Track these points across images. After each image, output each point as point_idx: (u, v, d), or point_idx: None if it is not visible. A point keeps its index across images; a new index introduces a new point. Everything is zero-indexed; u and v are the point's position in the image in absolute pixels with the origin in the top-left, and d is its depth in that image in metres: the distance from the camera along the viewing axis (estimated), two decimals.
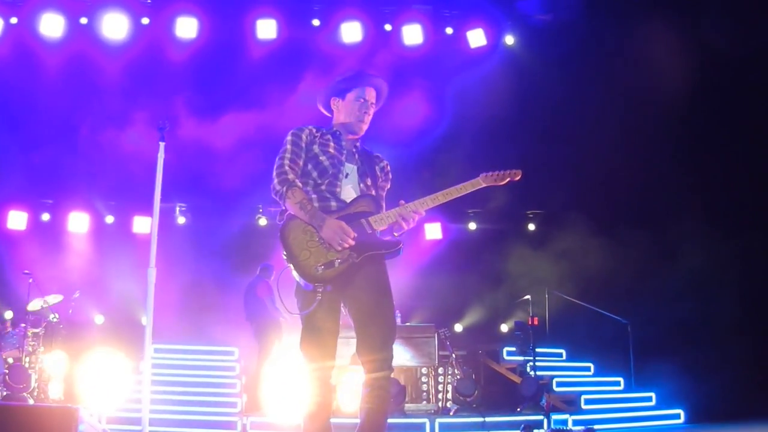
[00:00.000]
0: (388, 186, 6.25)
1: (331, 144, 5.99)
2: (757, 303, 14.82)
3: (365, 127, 6.13)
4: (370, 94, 6.15)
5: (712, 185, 15.16)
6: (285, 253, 5.63)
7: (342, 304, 5.80)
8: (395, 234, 5.90)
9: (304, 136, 5.95)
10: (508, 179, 6.19)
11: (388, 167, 6.26)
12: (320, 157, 5.88)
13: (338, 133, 6.10)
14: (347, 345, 12.02)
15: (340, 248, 5.51)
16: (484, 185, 6.12)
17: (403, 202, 5.83)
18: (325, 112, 6.30)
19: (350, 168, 5.98)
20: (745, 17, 14.33)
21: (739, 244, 14.67)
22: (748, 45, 14.37)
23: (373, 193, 6.00)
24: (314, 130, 6.04)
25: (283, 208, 5.81)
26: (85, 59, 16.54)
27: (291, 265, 5.60)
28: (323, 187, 5.82)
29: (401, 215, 5.77)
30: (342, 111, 6.16)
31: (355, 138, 6.14)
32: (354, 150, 6.10)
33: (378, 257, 5.72)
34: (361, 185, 5.96)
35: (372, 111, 6.16)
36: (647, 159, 15.49)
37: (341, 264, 5.53)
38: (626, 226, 15.23)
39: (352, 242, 5.54)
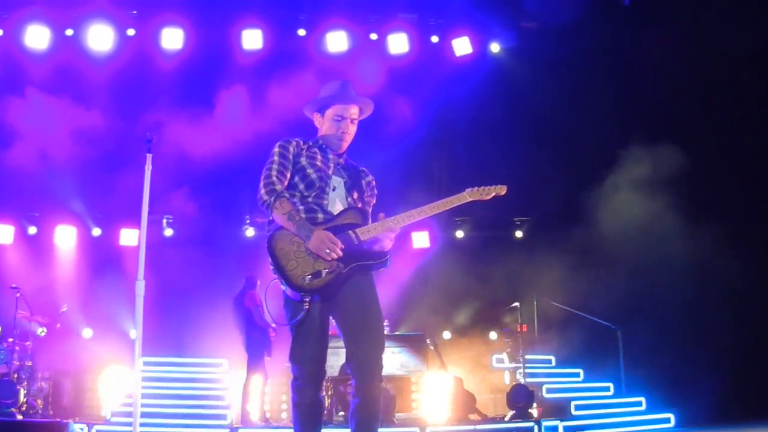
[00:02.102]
0: (374, 201, 6.26)
1: (318, 157, 6.00)
2: (746, 307, 14.85)
3: (345, 144, 6.15)
4: (350, 111, 6.14)
5: (702, 190, 15.19)
6: (272, 263, 5.63)
7: (331, 316, 5.80)
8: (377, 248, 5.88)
9: (291, 148, 5.95)
10: (493, 194, 6.17)
11: (374, 182, 6.27)
12: (307, 170, 5.89)
13: (324, 146, 6.11)
14: (336, 355, 12.10)
15: (328, 258, 5.50)
16: (469, 199, 6.09)
17: (382, 215, 5.84)
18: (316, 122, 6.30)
19: (337, 181, 6.00)
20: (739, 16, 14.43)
21: (729, 249, 14.69)
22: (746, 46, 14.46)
23: (360, 206, 6.01)
24: (301, 143, 6.04)
25: (270, 218, 5.80)
26: (71, 71, 16.52)
27: (278, 276, 5.60)
28: (310, 200, 5.83)
29: (388, 228, 5.76)
30: (323, 126, 6.18)
31: (339, 153, 6.13)
32: (340, 164, 6.11)
33: (365, 268, 5.72)
34: (349, 199, 5.98)
35: (352, 129, 6.15)
36: (640, 164, 15.53)
37: (329, 274, 5.53)
38: (615, 232, 15.23)
39: (340, 253, 5.54)
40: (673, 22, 15.80)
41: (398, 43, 17.59)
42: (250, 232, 17.75)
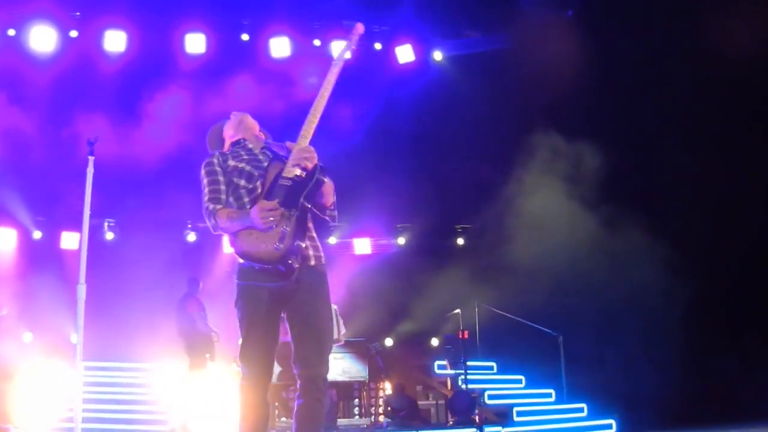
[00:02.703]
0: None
1: (242, 152, 6.01)
2: (687, 314, 15.03)
3: (253, 127, 6.25)
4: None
5: (648, 194, 15.38)
6: (249, 261, 5.58)
7: (283, 315, 5.80)
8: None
9: (215, 161, 5.94)
10: (355, 36, 6.30)
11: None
12: (240, 165, 5.87)
13: (242, 141, 6.15)
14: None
15: (274, 223, 5.47)
16: (340, 63, 6.15)
17: (288, 143, 5.81)
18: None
19: (266, 161, 5.92)
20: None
21: (671, 252, 14.87)
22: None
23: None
24: (223, 151, 6.09)
25: (227, 235, 5.81)
26: (13, 72, 16.36)
27: (259, 266, 5.56)
28: (257, 187, 5.81)
29: (297, 155, 5.69)
30: (231, 132, 6.26)
31: (259, 143, 6.17)
32: (263, 147, 6.12)
33: (312, 203, 5.71)
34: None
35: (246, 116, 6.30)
36: (582, 170, 15.71)
37: (288, 227, 5.49)
38: (556, 239, 15.35)
39: (279, 209, 5.50)
40: (610, 29, 16.00)
41: (341, 50, 17.58)
42: (191, 236, 17.68)
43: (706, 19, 14.62)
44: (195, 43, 17.04)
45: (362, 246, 18.10)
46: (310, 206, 5.67)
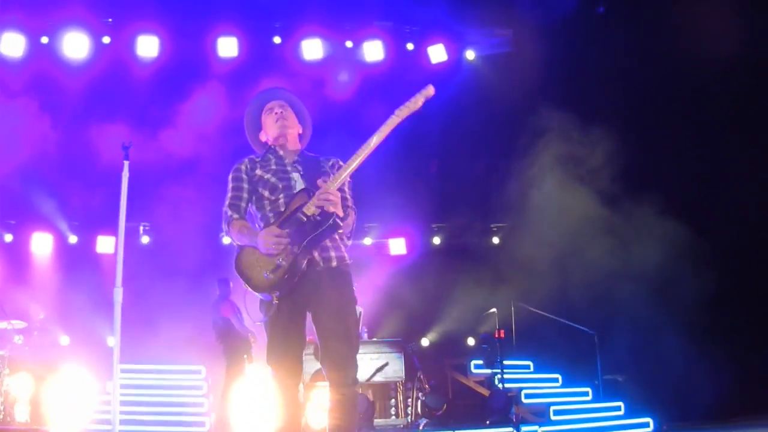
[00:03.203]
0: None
1: (272, 161, 6.07)
2: (724, 310, 14.91)
3: (289, 133, 6.20)
4: (271, 103, 6.27)
5: (677, 193, 15.28)
6: (242, 279, 5.69)
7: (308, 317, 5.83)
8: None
9: (243, 167, 6.07)
10: (422, 100, 6.11)
11: (340, 162, 6.11)
12: (265, 176, 5.96)
13: (275, 148, 6.18)
14: (310, 362, 12.12)
15: (275, 252, 5.54)
16: (400, 119, 6.05)
17: (320, 181, 5.73)
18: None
19: (295, 176, 6.00)
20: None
21: (708, 250, 14.77)
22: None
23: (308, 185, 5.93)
24: (254, 158, 6.16)
25: (235, 245, 5.88)
26: (47, 79, 16.48)
27: (248, 287, 5.66)
28: (279, 201, 5.87)
29: (321, 197, 5.65)
30: (267, 135, 6.27)
31: (294, 149, 6.20)
32: (296, 160, 6.13)
33: (318, 240, 5.71)
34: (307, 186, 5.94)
35: (287, 115, 6.23)
36: (613, 167, 15.62)
37: (285, 261, 5.56)
38: (590, 237, 15.28)
39: (285, 240, 5.56)
40: (641, 28, 15.92)
41: (374, 51, 17.65)
42: (226, 239, 17.68)
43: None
44: (227, 46, 17.11)
45: (398, 246, 18.08)
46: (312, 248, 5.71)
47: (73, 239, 17.45)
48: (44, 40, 16.63)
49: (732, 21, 14.25)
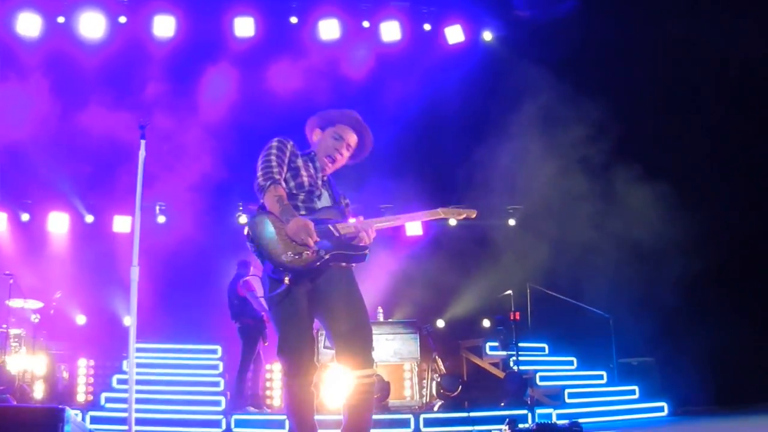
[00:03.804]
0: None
1: (310, 166, 6.07)
2: (739, 294, 14.88)
3: (332, 167, 6.23)
4: (350, 136, 6.23)
5: (695, 178, 15.23)
6: (252, 243, 5.66)
7: (316, 318, 5.87)
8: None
9: (287, 148, 6.00)
10: (464, 216, 6.27)
11: (350, 207, 6.26)
12: (301, 172, 5.95)
13: (314, 158, 6.18)
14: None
15: (301, 243, 5.51)
16: (441, 216, 6.17)
17: (361, 218, 5.88)
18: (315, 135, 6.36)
19: (323, 192, 6.06)
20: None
21: (723, 235, 14.74)
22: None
23: (340, 207, 6.06)
24: (296, 148, 6.10)
25: (261, 203, 5.82)
26: (63, 58, 16.49)
27: (258, 252, 5.62)
28: (299, 197, 5.89)
29: (363, 228, 5.77)
30: (319, 144, 6.24)
31: (323, 173, 6.20)
32: (325, 180, 6.18)
33: (345, 259, 5.79)
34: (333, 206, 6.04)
35: (346, 154, 6.24)
36: (628, 152, 15.56)
37: (309, 256, 5.53)
38: (607, 221, 15.25)
39: (313, 241, 5.53)
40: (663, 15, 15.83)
41: (390, 31, 17.61)
42: (243, 218, 17.72)
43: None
44: (244, 26, 17.08)
45: (414, 228, 18.03)
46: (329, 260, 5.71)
47: (89, 218, 17.47)
48: (60, 19, 16.63)
49: None
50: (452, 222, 18.11)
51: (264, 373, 14.29)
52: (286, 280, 5.54)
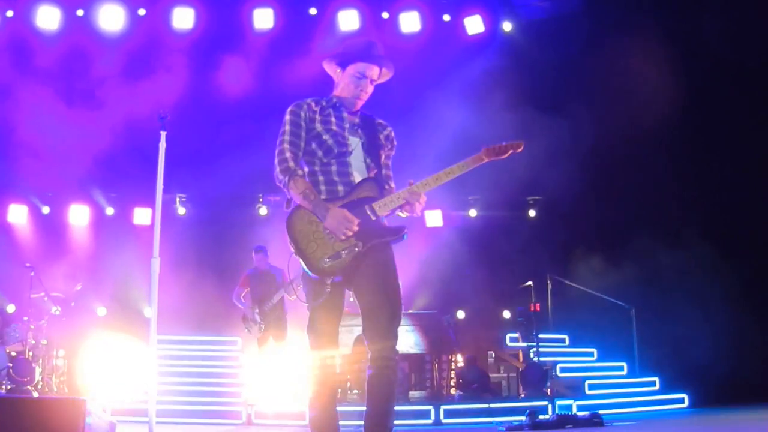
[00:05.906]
0: (393, 153, 6.11)
1: (333, 119, 5.84)
2: (761, 287, 14.81)
3: (361, 103, 5.96)
4: (372, 71, 5.96)
5: (713, 171, 15.17)
6: (292, 245, 5.54)
7: (349, 290, 5.76)
8: (401, 214, 5.79)
9: (302, 113, 5.79)
10: (510, 151, 5.88)
11: (393, 134, 6.09)
12: (323, 136, 5.74)
13: (338, 104, 5.95)
14: (350, 333, 12.09)
15: (344, 237, 5.43)
16: (486, 160, 5.87)
17: (412, 181, 5.66)
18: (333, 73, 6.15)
19: (354, 142, 5.84)
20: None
21: (743, 228, 14.67)
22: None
23: (375, 173, 5.84)
24: (313, 105, 5.87)
25: (288, 197, 5.76)
26: (83, 51, 16.54)
27: (299, 258, 5.52)
28: (331, 167, 5.72)
29: (406, 199, 5.63)
30: (340, 83, 6.01)
31: (355, 111, 5.99)
32: (356, 123, 5.97)
33: (383, 243, 5.67)
34: (367, 160, 5.82)
35: (370, 89, 5.99)
36: (649, 147, 15.51)
37: (347, 254, 5.44)
38: (628, 211, 15.21)
39: (356, 229, 5.45)
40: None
41: (410, 22, 17.57)
42: (263, 210, 17.73)
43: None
44: (263, 18, 17.08)
45: (434, 219, 18.01)
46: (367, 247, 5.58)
47: (110, 211, 17.54)
48: (80, 13, 16.67)
49: None
50: (472, 214, 18.12)
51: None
52: (328, 288, 5.49)
